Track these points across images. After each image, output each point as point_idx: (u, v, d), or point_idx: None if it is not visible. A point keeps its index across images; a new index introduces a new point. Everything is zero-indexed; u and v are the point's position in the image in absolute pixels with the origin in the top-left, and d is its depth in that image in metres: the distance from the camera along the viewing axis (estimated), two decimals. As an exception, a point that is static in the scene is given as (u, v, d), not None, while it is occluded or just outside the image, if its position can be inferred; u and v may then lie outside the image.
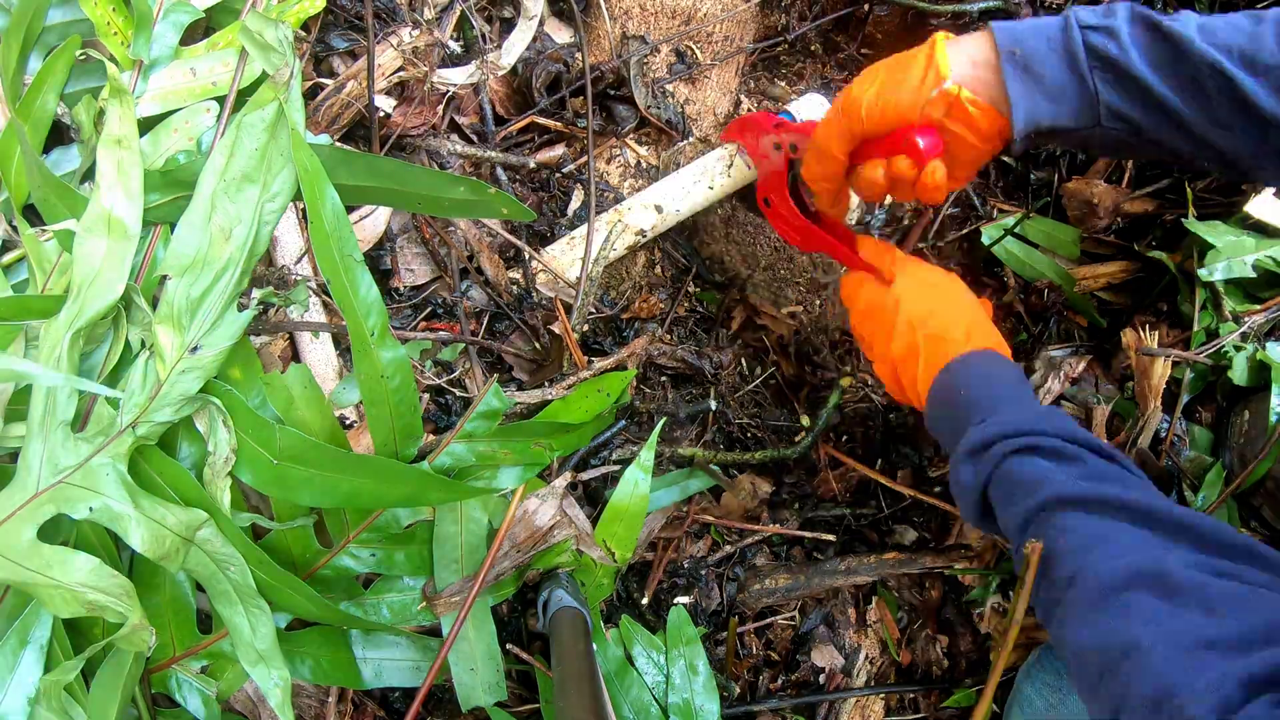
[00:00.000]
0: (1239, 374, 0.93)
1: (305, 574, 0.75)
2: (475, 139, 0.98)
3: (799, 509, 1.05)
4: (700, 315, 1.08)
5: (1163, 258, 1.00)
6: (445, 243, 0.91)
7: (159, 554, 0.65)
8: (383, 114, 0.88)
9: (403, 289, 0.91)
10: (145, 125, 0.75)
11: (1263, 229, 0.98)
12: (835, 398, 1.01)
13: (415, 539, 0.78)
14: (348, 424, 0.82)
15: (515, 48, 0.99)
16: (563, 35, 1.03)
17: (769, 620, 1.02)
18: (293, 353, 0.83)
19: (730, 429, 1.04)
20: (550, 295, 0.92)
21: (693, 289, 1.07)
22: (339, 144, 0.82)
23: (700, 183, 0.96)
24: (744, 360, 1.09)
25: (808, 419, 1.03)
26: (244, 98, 0.75)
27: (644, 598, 0.94)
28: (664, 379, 1.01)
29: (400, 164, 0.74)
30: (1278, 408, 0.90)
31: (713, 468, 0.99)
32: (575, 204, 1.00)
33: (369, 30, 0.86)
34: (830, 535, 1.03)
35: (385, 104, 0.90)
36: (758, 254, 1.09)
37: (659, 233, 0.99)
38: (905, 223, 1.12)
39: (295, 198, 0.72)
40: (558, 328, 0.89)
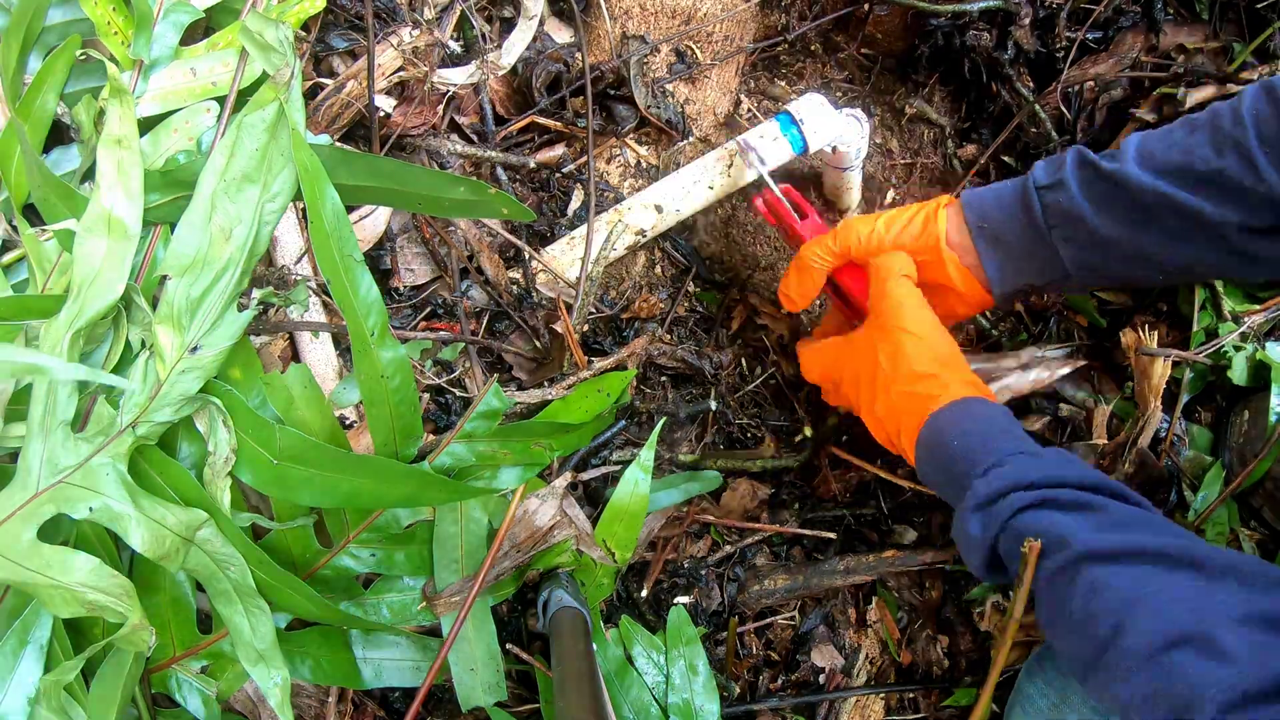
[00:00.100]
0: (1238, 374, 0.93)
1: (305, 574, 0.75)
2: (475, 139, 0.98)
3: (799, 509, 1.05)
4: (700, 315, 1.08)
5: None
6: (445, 243, 0.91)
7: (159, 554, 0.65)
8: (383, 114, 0.88)
9: (403, 289, 0.91)
10: (145, 125, 0.75)
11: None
12: (833, 420, 1.02)
13: (415, 539, 0.78)
14: (348, 424, 0.82)
15: (515, 48, 0.99)
16: (563, 35, 1.03)
17: (769, 620, 1.02)
18: (293, 353, 0.83)
19: (730, 429, 1.04)
20: (551, 295, 0.92)
21: (693, 289, 1.07)
22: (339, 144, 0.82)
23: (700, 183, 0.96)
24: (744, 360, 1.09)
25: (810, 430, 1.03)
26: (244, 98, 0.75)
27: (642, 592, 0.94)
28: (664, 379, 1.01)
29: (400, 164, 0.74)
30: (1277, 408, 0.90)
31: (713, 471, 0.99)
32: (575, 204, 1.00)
33: (369, 30, 0.86)
34: (830, 535, 1.03)
35: (385, 104, 0.90)
36: (758, 254, 1.09)
37: (659, 233, 0.99)
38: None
39: (295, 198, 0.72)
40: (559, 327, 0.89)
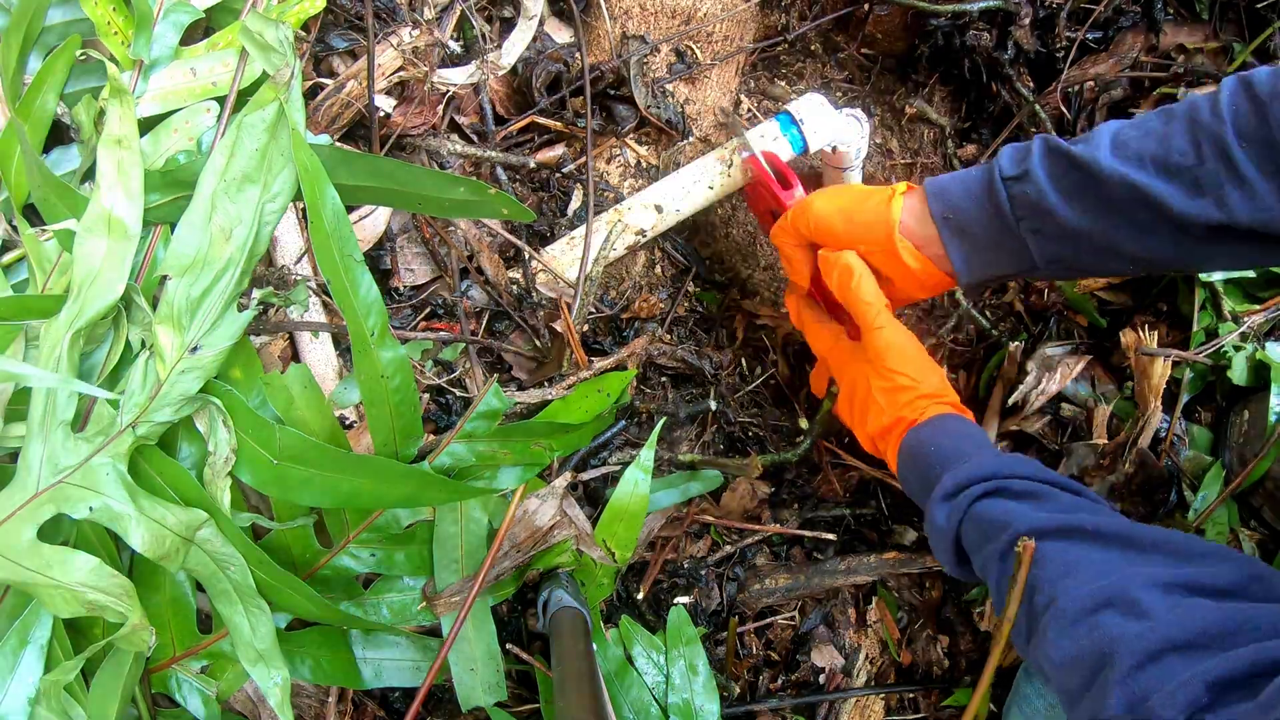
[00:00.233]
0: (1238, 374, 0.93)
1: (305, 574, 0.75)
2: (475, 139, 0.98)
3: (799, 509, 1.05)
4: (700, 315, 1.08)
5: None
6: (445, 243, 0.91)
7: (159, 554, 0.65)
8: (383, 114, 0.88)
9: (403, 289, 0.91)
10: (145, 125, 0.75)
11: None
12: (828, 404, 1.01)
13: (415, 539, 0.78)
14: (348, 424, 0.82)
15: (515, 48, 0.99)
16: (563, 35, 1.03)
17: (769, 620, 1.02)
18: (293, 353, 0.83)
19: (730, 429, 1.04)
20: (551, 295, 0.92)
21: (693, 289, 1.07)
22: (339, 144, 0.82)
23: (700, 183, 0.96)
24: (744, 360, 1.09)
25: (806, 422, 1.03)
26: (244, 98, 0.75)
27: (641, 593, 0.94)
28: (664, 379, 1.01)
29: (400, 164, 0.74)
30: (1277, 407, 0.90)
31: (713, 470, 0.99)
32: (575, 204, 1.00)
33: (369, 30, 0.86)
34: (830, 535, 1.03)
35: (385, 104, 0.90)
36: (758, 254, 1.09)
37: (659, 233, 0.99)
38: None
39: (295, 198, 0.72)
40: (560, 326, 0.89)
